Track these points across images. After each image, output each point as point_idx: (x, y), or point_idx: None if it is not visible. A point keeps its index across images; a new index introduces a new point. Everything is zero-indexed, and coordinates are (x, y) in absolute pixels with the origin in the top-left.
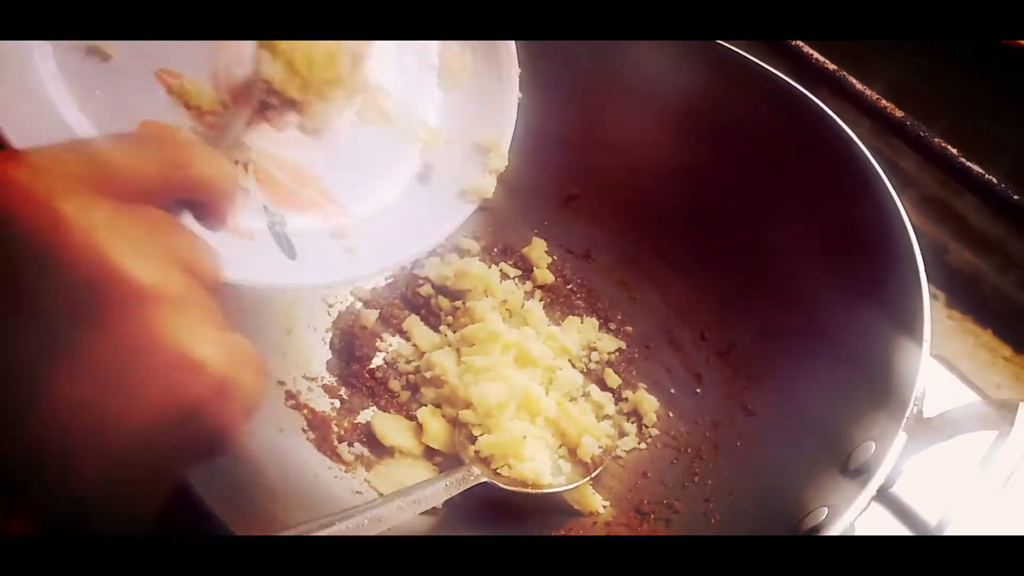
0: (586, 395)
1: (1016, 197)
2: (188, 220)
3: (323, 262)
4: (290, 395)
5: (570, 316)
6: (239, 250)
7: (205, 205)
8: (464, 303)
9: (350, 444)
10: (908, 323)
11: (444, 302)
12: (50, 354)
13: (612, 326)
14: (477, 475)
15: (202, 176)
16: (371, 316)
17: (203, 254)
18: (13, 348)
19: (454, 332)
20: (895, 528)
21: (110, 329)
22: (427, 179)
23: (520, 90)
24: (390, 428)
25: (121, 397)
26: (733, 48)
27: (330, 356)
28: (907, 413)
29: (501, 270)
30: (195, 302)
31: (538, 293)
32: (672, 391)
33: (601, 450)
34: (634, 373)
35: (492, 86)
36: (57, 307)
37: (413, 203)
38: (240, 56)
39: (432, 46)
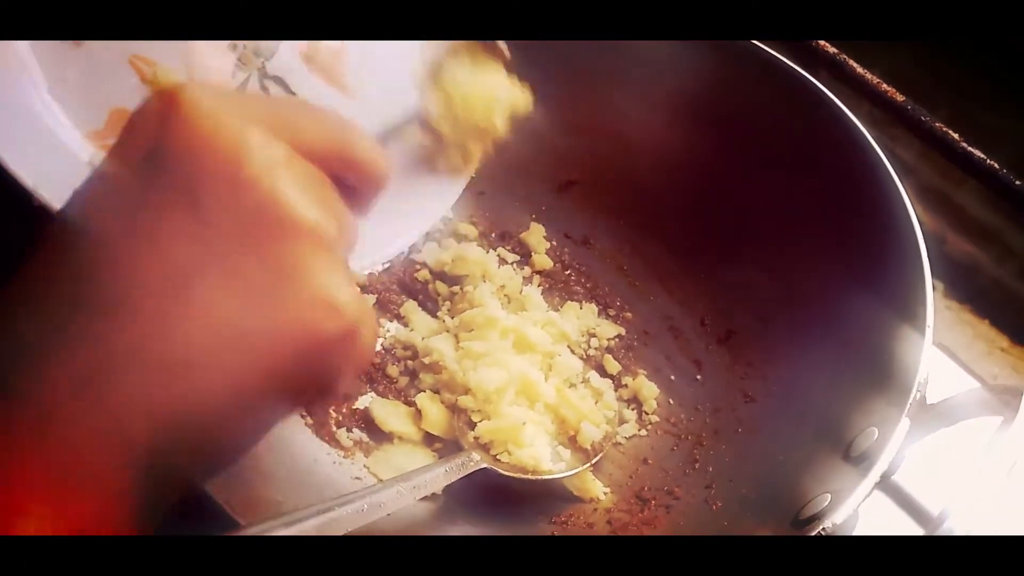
0: (585, 381)
1: (1019, 183)
2: None
3: None
4: None
5: (569, 302)
6: None
7: (354, 190)
8: (462, 288)
9: (348, 430)
10: (911, 308)
11: (442, 287)
12: (207, 268)
13: (611, 312)
14: (477, 461)
15: (362, 160)
16: (368, 301)
17: (349, 220)
18: (173, 258)
19: (452, 317)
20: (898, 516)
21: (265, 254)
22: (399, 176)
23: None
24: (389, 414)
25: (262, 320)
26: None
27: None
28: (910, 399)
29: (499, 255)
30: (342, 253)
31: (536, 278)
32: (672, 378)
33: (601, 436)
34: (634, 359)
35: None
36: (220, 227)
37: (391, 200)
38: (216, 45)
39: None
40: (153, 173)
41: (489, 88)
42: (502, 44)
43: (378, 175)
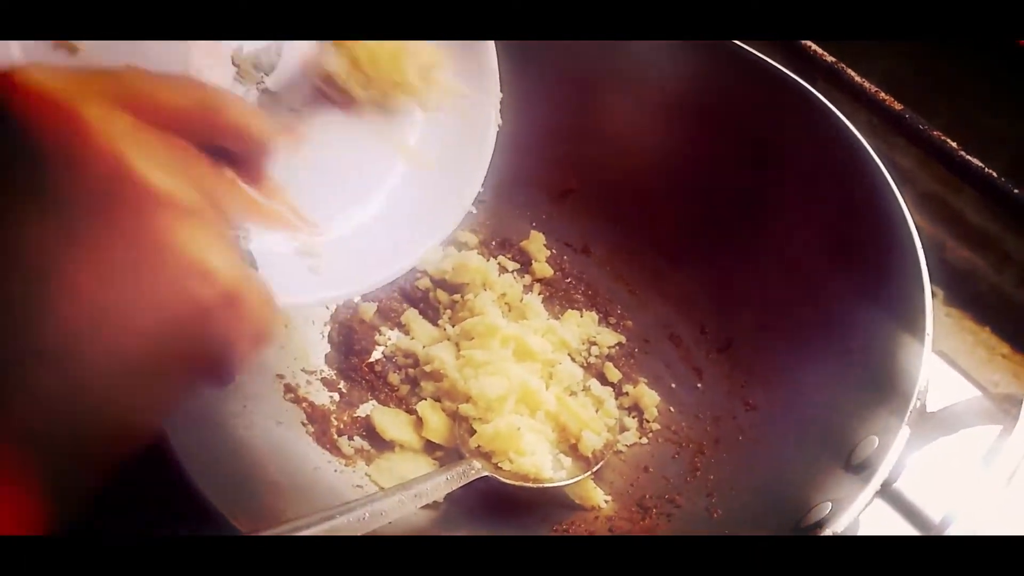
0: (586, 389)
1: (1017, 191)
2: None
3: (286, 282)
4: (289, 388)
5: (569, 310)
6: None
7: (240, 158)
8: (463, 297)
9: (350, 438)
10: (910, 317)
11: (443, 295)
12: (64, 251)
13: (612, 320)
14: (478, 469)
15: (236, 123)
16: (369, 310)
17: (227, 189)
18: (27, 244)
19: (453, 326)
20: (899, 524)
21: (124, 229)
22: (400, 203)
23: (517, 82)
24: (390, 422)
25: (131, 296)
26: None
27: (329, 349)
28: (910, 407)
29: (499, 263)
30: (209, 218)
31: (537, 287)
32: (673, 385)
33: (602, 445)
34: (634, 367)
35: (473, 111)
36: (73, 205)
37: (384, 226)
38: (213, 58)
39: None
40: None
41: (396, 42)
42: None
43: (255, 136)
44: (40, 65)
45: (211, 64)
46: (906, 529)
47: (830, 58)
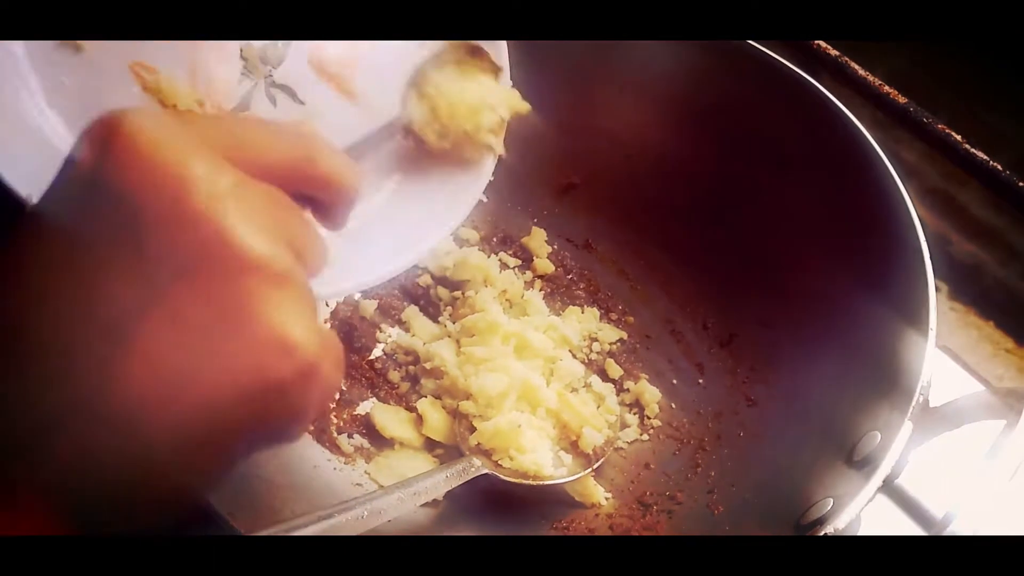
0: (587, 386)
1: (1021, 184)
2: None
3: None
4: None
5: (571, 306)
6: None
7: (324, 204)
8: (463, 293)
9: (349, 435)
10: (913, 311)
11: (443, 292)
12: (146, 314)
13: (613, 316)
14: (478, 467)
15: (328, 174)
16: (370, 307)
17: (314, 242)
18: (114, 302)
19: (454, 322)
20: (901, 520)
21: (211, 296)
22: (407, 196)
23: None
24: (390, 419)
25: (207, 364)
26: None
27: None
28: (913, 402)
29: (500, 260)
30: (297, 285)
31: (538, 283)
32: (674, 382)
33: (603, 441)
34: (636, 364)
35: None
36: (163, 266)
37: (390, 220)
38: (221, 53)
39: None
40: (92, 209)
41: (477, 95)
42: (491, 53)
43: (346, 187)
44: (143, 113)
45: (218, 58)
46: (908, 526)
47: (834, 52)
